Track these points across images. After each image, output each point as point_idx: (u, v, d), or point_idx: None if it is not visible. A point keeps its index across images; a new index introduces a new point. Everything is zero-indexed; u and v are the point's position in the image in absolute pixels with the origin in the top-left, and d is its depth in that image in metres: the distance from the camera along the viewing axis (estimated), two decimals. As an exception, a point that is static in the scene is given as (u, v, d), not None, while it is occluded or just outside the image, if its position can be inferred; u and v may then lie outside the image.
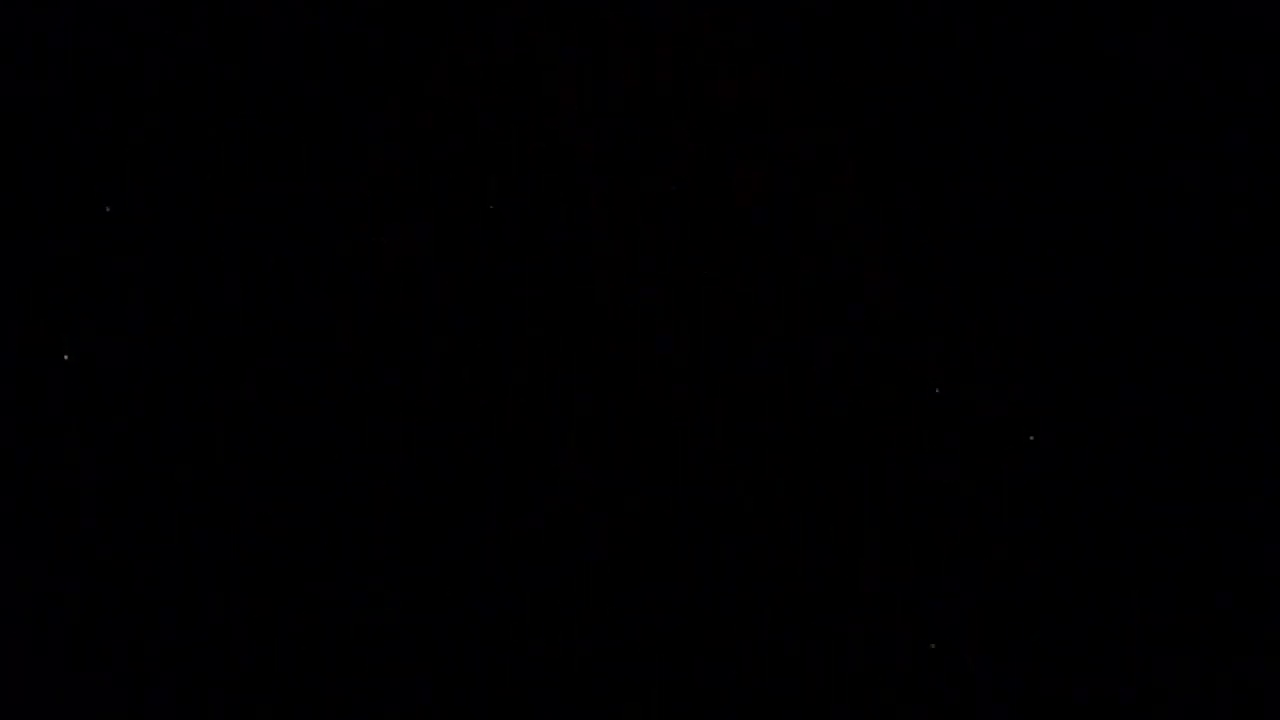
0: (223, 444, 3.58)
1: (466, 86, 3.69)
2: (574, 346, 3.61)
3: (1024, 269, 3.58)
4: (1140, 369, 3.54)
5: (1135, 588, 3.47)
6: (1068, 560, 3.49)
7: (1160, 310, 3.54)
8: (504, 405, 3.59)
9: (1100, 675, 3.45)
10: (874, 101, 3.64)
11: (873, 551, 3.52)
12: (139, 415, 3.59)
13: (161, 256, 3.63)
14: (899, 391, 3.56)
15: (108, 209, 3.40)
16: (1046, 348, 3.56)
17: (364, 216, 3.66)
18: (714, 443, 3.57)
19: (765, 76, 3.66)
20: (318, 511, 3.57)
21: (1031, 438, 3.43)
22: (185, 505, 3.57)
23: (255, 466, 3.57)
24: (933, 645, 3.47)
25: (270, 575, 3.55)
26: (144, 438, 3.58)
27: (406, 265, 3.64)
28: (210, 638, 3.53)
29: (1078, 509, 3.51)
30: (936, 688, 3.47)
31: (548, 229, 3.64)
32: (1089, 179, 3.58)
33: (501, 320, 3.62)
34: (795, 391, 3.57)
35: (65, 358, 3.52)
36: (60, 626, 3.54)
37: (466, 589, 3.55)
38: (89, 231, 3.64)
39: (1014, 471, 3.53)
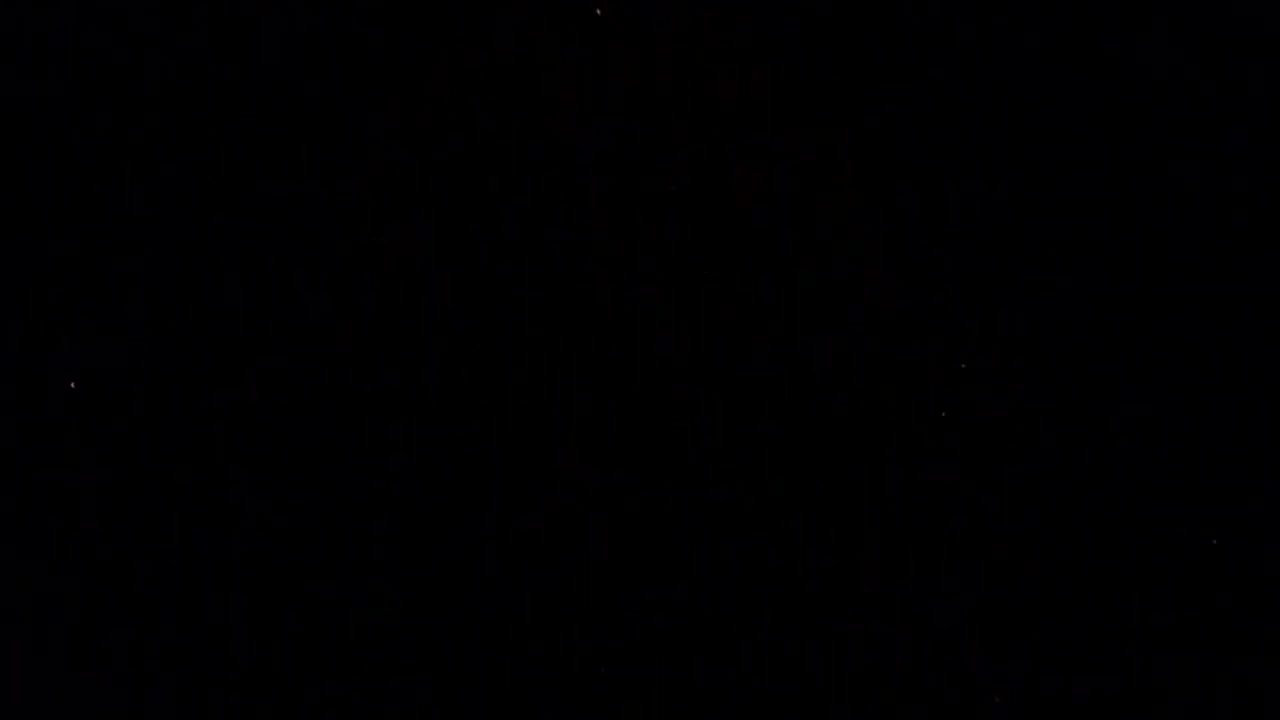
0: (223, 444, 3.58)
1: (466, 86, 3.69)
2: (574, 346, 3.61)
3: (1024, 269, 3.58)
4: (1140, 369, 3.54)
5: (1135, 588, 3.47)
6: (1068, 560, 3.49)
7: (1160, 310, 3.54)
8: (504, 405, 3.59)
9: (1100, 675, 3.45)
10: (874, 101, 3.64)
11: (873, 551, 3.52)
12: (139, 415, 3.59)
13: (161, 256, 3.63)
14: (899, 391, 3.56)
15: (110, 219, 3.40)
16: (1046, 348, 3.56)
17: (364, 216, 3.66)
18: (714, 443, 3.57)
19: (765, 76, 3.65)
20: (318, 511, 3.57)
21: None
22: (185, 505, 3.57)
23: (255, 466, 3.57)
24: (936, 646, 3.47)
25: (270, 575, 3.55)
26: (144, 438, 3.58)
27: (406, 265, 3.64)
28: (210, 638, 3.53)
29: (1078, 509, 3.51)
30: (936, 688, 3.47)
31: (548, 229, 3.64)
32: (1089, 179, 3.58)
33: (501, 320, 3.62)
34: (795, 391, 3.57)
35: (72, 385, 3.52)
36: (60, 626, 3.54)
37: (466, 589, 3.55)
38: (89, 231, 3.64)
39: (1014, 471, 3.53)
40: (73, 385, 3.51)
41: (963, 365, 3.55)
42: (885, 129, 3.63)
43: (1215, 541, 3.44)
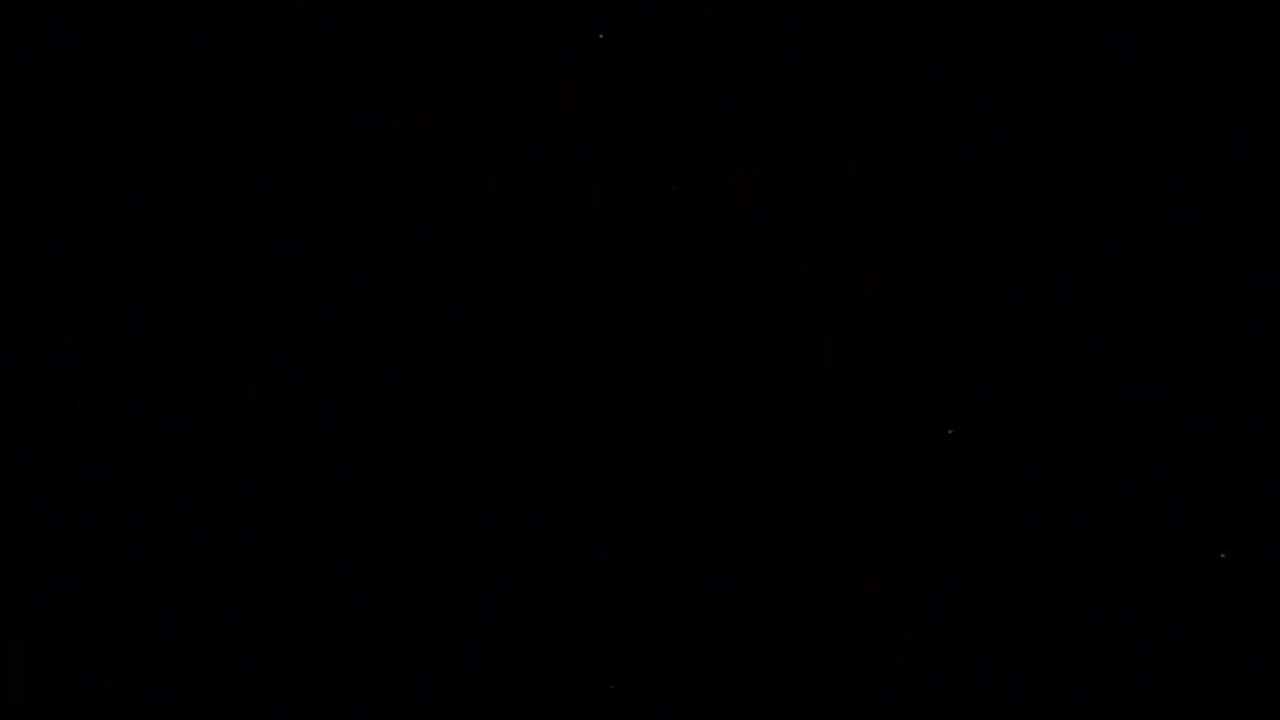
0: (223, 444, 3.58)
1: (466, 86, 3.69)
2: (574, 346, 3.61)
3: (1024, 269, 3.58)
4: (1140, 369, 3.54)
5: (1135, 588, 3.47)
6: (1068, 560, 3.49)
7: (1160, 310, 3.54)
8: (504, 405, 3.59)
9: (1100, 675, 3.45)
10: (874, 101, 3.64)
11: (873, 551, 3.52)
12: (139, 415, 3.59)
13: (161, 256, 3.63)
14: (899, 391, 3.56)
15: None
16: (1046, 348, 3.56)
17: (364, 216, 3.66)
18: (714, 443, 3.57)
19: (765, 76, 3.65)
20: (318, 511, 3.57)
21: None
22: (185, 505, 3.57)
23: (255, 466, 3.57)
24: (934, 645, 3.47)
25: (270, 575, 3.55)
26: (144, 438, 3.58)
27: (406, 265, 3.64)
28: (210, 638, 3.53)
29: (1078, 509, 3.51)
30: (936, 688, 3.47)
31: (548, 229, 3.64)
32: (1089, 179, 3.58)
33: (501, 320, 3.62)
34: (795, 391, 3.57)
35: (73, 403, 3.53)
36: (60, 626, 3.54)
37: (466, 589, 3.55)
38: (89, 231, 3.64)
39: (1014, 471, 3.53)
40: (74, 402, 3.51)
41: (963, 367, 3.55)
42: (885, 129, 3.63)
43: (1224, 555, 3.44)
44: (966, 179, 3.60)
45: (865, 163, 3.63)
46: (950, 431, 3.50)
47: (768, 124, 3.65)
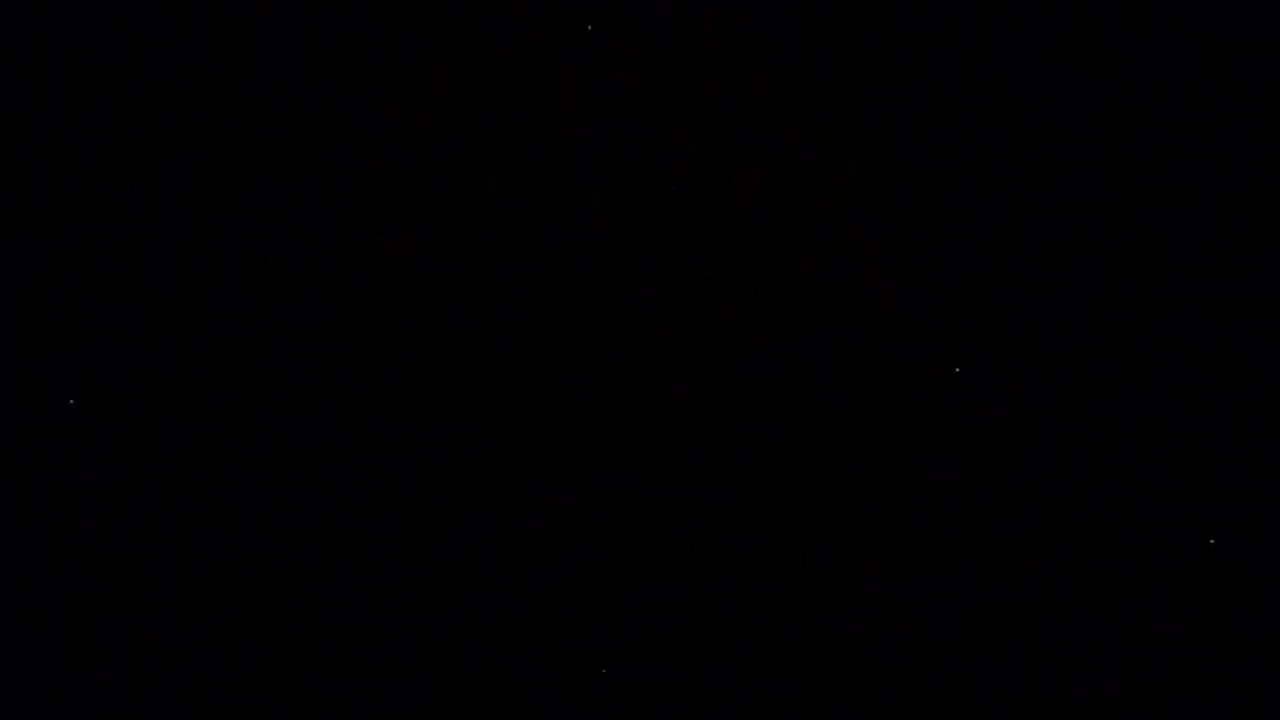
0: (223, 444, 3.58)
1: (466, 86, 3.69)
2: (574, 346, 3.61)
3: (1024, 269, 3.58)
4: (1140, 369, 3.54)
5: (1135, 588, 3.47)
6: (1068, 560, 3.49)
7: (1160, 310, 3.55)
8: (504, 405, 3.59)
9: (1100, 675, 3.45)
10: (874, 101, 3.64)
11: (873, 551, 3.52)
12: (139, 415, 3.59)
13: (161, 256, 3.63)
14: (899, 391, 3.56)
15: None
16: (1046, 348, 3.56)
17: (364, 216, 3.66)
18: (714, 443, 3.57)
19: (765, 76, 3.65)
20: (318, 511, 3.57)
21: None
22: (185, 505, 3.57)
23: (255, 466, 3.57)
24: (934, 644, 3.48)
25: (270, 575, 3.55)
26: (144, 438, 3.58)
27: (406, 265, 3.64)
28: (210, 638, 3.53)
29: (1078, 509, 3.51)
30: (936, 688, 3.47)
31: (548, 229, 3.64)
32: (1089, 179, 3.58)
33: (501, 320, 3.62)
34: (795, 391, 3.57)
35: (71, 402, 3.53)
36: (60, 626, 3.54)
37: (466, 589, 3.55)
38: (89, 231, 3.64)
39: (1014, 471, 3.53)
40: (72, 402, 3.51)
41: (958, 368, 3.55)
42: (885, 129, 3.63)
43: (1213, 541, 3.44)
44: (966, 179, 3.60)
45: (865, 163, 3.63)
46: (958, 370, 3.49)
47: (768, 124, 3.65)
